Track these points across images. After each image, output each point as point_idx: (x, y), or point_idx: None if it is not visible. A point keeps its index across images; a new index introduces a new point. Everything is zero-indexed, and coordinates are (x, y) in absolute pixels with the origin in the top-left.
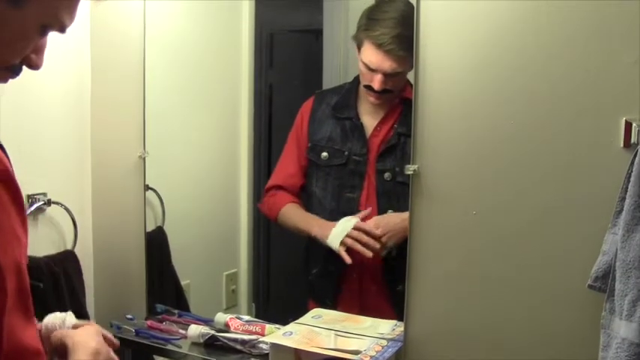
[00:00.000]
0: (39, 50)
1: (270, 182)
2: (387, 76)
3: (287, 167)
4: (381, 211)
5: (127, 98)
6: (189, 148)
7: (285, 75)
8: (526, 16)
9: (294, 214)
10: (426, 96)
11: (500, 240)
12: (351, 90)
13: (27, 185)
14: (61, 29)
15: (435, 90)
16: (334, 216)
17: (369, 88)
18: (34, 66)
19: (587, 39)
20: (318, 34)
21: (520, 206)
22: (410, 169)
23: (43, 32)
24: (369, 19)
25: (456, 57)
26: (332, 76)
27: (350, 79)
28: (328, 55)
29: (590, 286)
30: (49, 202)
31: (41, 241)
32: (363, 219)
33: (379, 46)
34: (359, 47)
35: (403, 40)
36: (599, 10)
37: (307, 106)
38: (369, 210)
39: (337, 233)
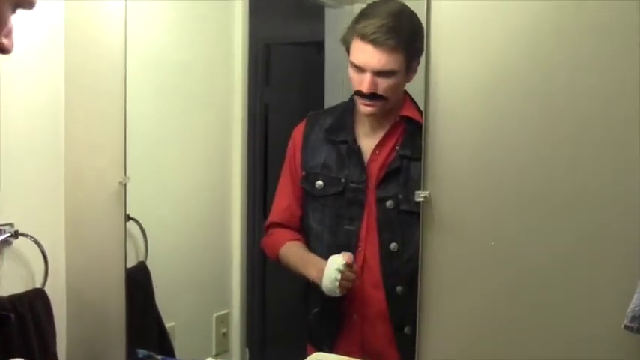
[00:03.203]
0: (9, 33)
1: (269, 219)
2: (376, 75)
3: (282, 201)
4: (384, 244)
5: (105, 117)
6: (175, 174)
7: (283, 93)
8: (547, 27)
9: (292, 255)
10: (437, 113)
11: (521, 275)
12: (347, 110)
13: None
14: (31, 5)
15: (448, 106)
16: (332, 252)
17: (359, 94)
18: (6, 50)
19: (616, 51)
20: (319, 46)
21: (543, 237)
22: (420, 195)
23: (14, 11)
24: (358, 16)
25: (470, 70)
26: (335, 94)
27: None
28: (331, 70)
29: (626, 327)
30: (16, 234)
31: (6, 277)
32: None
33: (364, 37)
34: (348, 50)
35: (392, 31)
36: (627, 20)
37: (299, 130)
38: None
39: (330, 278)
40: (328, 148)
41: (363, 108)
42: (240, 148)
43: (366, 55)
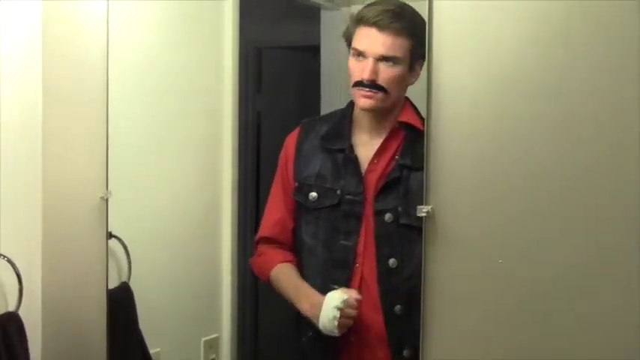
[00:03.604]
0: None
1: (258, 234)
2: (379, 61)
3: (273, 214)
4: (382, 260)
5: (86, 126)
6: (161, 189)
7: (276, 100)
8: (554, 37)
9: (283, 282)
10: (440, 119)
11: (532, 294)
12: (344, 116)
13: None
14: None
15: (451, 112)
16: (327, 268)
17: (358, 84)
18: None
19: (628, 52)
20: (314, 50)
21: (557, 254)
22: (422, 210)
23: None
24: (361, 9)
25: (475, 73)
26: (331, 101)
27: None
28: (327, 75)
29: None
30: None
31: None
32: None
33: (367, 21)
34: (350, 44)
35: (396, 16)
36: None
37: (292, 138)
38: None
39: (328, 317)
40: (323, 157)
41: (362, 101)
42: (230, 159)
43: (369, 38)
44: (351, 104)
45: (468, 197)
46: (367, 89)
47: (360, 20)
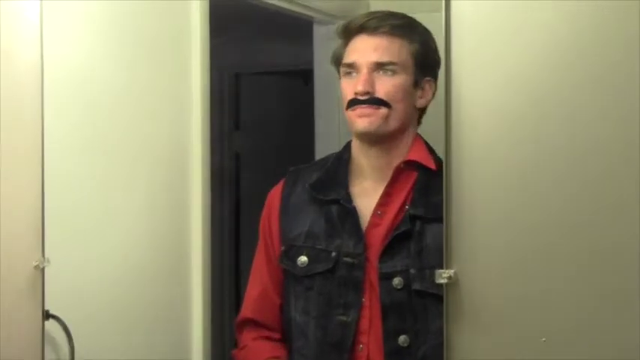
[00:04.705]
0: None
1: (240, 315)
2: (374, 71)
3: (255, 288)
4: (390, 337)
5: (16, 176)
6: (111, 253)
7: (259, 138)
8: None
9: None
10: (463, 154)
11: None
12: (339, 160)
13: None
14: None
15: (478, 147)
16: (322, 352)
17: (352, 103)
18: None
19: None
20: (306, 75)
21: (611, 331)
22: (443, 275)
23: None
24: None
25: (507, 93)
26: (328, 137)
27: None
28: (322, 105)
29: None
30: None
31: None
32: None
33: (353, 30)
34: (338, 67)
35: (387, 16)
36: None
37: (276, 193)
38: None
39: None
40: (314, 211)
41: (360, 122)
42: (200, 216)
43: (359, 45)
44: (348, 146)
45: (503, 257)
46: (364, 105)
47: (345, 32)
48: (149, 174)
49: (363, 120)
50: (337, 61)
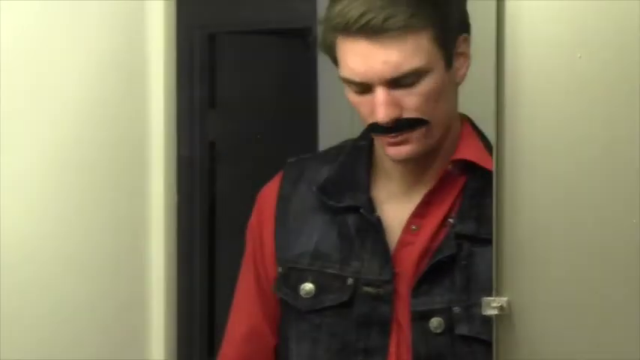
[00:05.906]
0: None
1: (220, 358)
2: (392, 87)
3: (242, 324)
4: None
5: None
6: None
7: (241, 120)
8: None
9: None
10: (515, 163)
11: None
12: (358, 152)
13: None
14: None
15: (538, 136)
16: None
17: (374, 130)
18: None
19: None
20: (305, 35)
21: None
22: (492, 304)
23: None
24: (334, 7)
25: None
26: (336, 119)
27: None
28: (329, 76)
29: None
30: None
31: None
32: None
33: (348, 28)
34: (335, 59)
35: (390, 3)
36: None
37: (270, 193)
38: None
39: None
40: (324, 222)
41: (393, 151)
42: (162, 225)
43: (361, 58)
44: (369, 132)
45: (567, 285)
46: (392, 135)
47: (336, 27)
48: (100, 167)
49: (397, 150)
50: (328, 50)
